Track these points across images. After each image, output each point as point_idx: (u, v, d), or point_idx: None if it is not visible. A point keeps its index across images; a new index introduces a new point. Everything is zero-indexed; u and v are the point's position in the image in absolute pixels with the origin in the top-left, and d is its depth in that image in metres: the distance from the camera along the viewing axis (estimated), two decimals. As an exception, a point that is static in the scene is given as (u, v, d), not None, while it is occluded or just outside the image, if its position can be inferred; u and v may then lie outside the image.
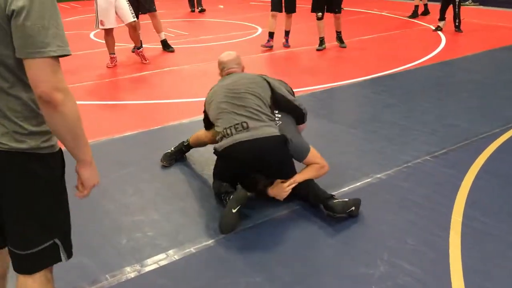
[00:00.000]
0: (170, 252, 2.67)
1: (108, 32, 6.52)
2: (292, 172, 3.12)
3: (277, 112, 3.25)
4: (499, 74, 6.32)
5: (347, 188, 3.31)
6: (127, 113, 5.01)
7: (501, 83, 5.82)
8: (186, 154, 3.78)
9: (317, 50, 7.50)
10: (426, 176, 3.50)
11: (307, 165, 3.19)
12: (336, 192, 3.16)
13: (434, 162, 3.70)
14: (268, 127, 3.01)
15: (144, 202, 3.20)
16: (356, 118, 4.77)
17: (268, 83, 3.23)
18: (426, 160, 3.73)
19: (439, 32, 8.85)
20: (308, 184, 3.08)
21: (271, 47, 7.67)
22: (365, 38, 8.57)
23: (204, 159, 3.75)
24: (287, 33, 7.79)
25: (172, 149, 3.74)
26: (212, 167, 3.61)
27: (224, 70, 3.40)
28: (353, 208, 2.92)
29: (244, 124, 2.98)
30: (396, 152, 3.87)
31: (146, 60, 6.85)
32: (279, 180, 3.08)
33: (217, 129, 3.08)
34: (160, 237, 2.81)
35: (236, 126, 2.99)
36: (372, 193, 3.21)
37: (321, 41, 7.54)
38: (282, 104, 3.26)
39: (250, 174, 3.16)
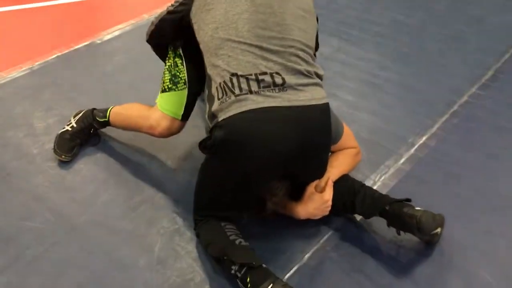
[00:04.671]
0: None
1: None
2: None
3: None
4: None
5: (377, 178, 1.98)
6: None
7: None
8: (99, 132, 2.18)
9: None
10: (496, 129, 2.23)
11: (334, 151, 1.80)
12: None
13: (486, 96, 2.45)
14: (318, 87, 1.57)
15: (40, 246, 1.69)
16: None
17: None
18: (475, 95, 2.46)
19: None
20: (349, 184, 1.73)
21: None
22: None
23: (129, 138, 2.17)
24: None
25: (74, 124, 2.10)
26: (151, 150, 2.12)
27: None
28: (440, 229, 1.63)
29: (277, 78, 1.49)
30: (419, 93, 2.53)
31: None
32: (311, 189, 1.67)
33: (213, 71, 1.55)
34: None
35: (261, 77, 1.48)
36: (423, 176, 1.94)
37: None
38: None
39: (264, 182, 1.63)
